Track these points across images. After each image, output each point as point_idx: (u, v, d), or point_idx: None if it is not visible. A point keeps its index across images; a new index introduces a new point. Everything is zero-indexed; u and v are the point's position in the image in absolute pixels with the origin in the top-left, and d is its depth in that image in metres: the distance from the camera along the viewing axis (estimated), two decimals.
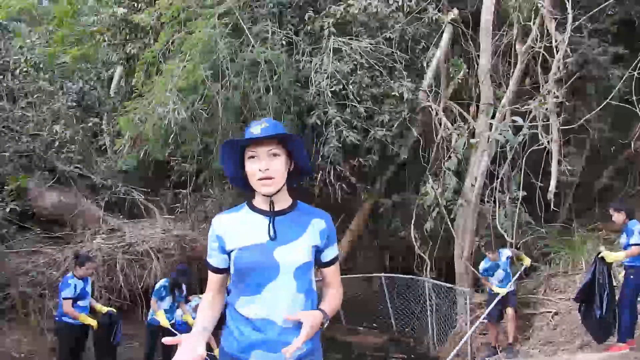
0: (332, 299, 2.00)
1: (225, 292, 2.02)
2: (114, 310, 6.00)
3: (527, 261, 6.96)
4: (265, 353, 1.84)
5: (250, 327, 1.86)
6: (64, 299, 5.45)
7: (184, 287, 6.33)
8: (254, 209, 1.95)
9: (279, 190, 1.90)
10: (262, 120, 1.90)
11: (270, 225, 1.89)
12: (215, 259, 1.95)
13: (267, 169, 1.84)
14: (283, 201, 1.95)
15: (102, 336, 5.75)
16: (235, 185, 2.03)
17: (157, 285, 6.35)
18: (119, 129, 8.79)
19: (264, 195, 1.90)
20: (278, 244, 1.87)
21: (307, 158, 2.03)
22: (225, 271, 1.96)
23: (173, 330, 6.11)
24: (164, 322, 6.06)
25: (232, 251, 1.90)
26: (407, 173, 9.40)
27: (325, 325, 1.90)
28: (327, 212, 2.06)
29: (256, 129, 1.85)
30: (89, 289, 5.71)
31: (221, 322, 1.98)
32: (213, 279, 1.98)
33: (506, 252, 6.82)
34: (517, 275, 6.97)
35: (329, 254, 2.00)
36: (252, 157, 1.86)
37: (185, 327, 6.22)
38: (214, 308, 1.96)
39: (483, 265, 6.82)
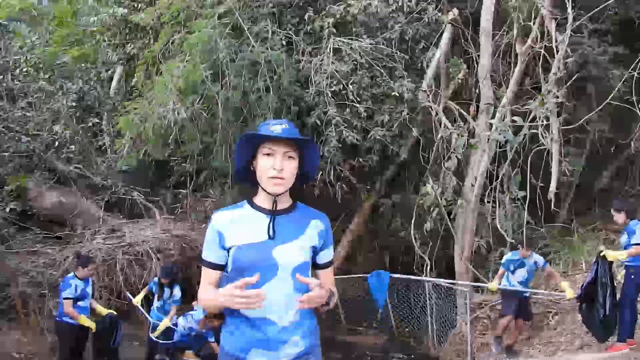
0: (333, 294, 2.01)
1: None
2: (114, 313, 6.01)
3: (569, 292, 6.03)
4: (264, 352, 1.85)
5: (249, 326, 1.86)
6: (65, 299, 5.45)
7: (176, 288, 6.20)
8: (255, 207, 1.95)
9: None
10: (282, 121, 1.93)
11: (271, 224, 1.90)
12: (214, 255, 1.92)
13: (282, 169, 1.86)
14: (284, 201, 1.96)
15: (101, 338, 5.76)
16: (238, 180, 2.04)
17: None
18: (119, 129, 8.78)
19: (270, 194, 1.90)
20: (277, 243, 1.88)
21: (317, 165, 2.06)
22: (223, 268, 1.94)
23: (150, 317, 6.22)
24: (136, 299, 6.34)
25: (230, 248, 1.89)
26: (407, 173, 9.40)
27: (330, 305, 1.91)
28: (327, 213, 2.07)
29: (277, 128, 1.87)
30: (89, 290, 5.72)
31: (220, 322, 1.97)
32: (211, 275, 1.94)
33: (537, 258, 6.48)
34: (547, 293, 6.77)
35: (325, 256, 2.02)
36: (269, 154, 1.87)
37: (186, 338, 6.25)
38: None
39: (509, 256, 6.46)
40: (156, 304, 6.27)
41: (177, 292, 6.20)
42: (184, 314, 6.33)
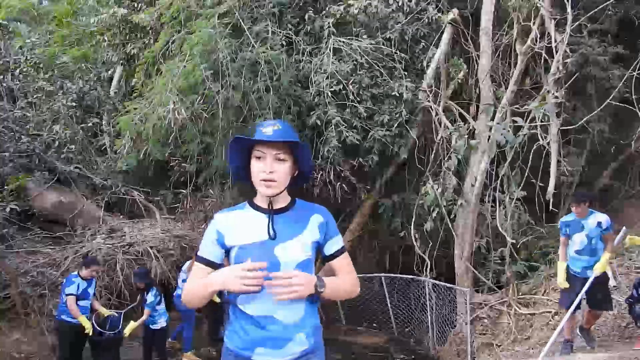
0: (339, 279, 1.98)
1: None
2: (116, 314, 6.04)
3: (597, 268, 4.93)
4: (268, 350, 1.85)
5: (253, 325, 1.86)
6: (68, 295, 5.51)
7: (150, 292, 6.12)
8: (254, 206, 1.96)
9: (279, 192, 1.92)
10: (276, 122, 1.91)
11: (270, 224, 1.90)
12: (211, 252, 1.92)
13: (272, 172, 1.86)
14: (282, 200, 1.97)
15: (97, 337, 5.77)
16: (237, 179, 2.04)
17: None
18: (119, 129, 8.79)
19: (264, 195, 1.91)
20: (278, 242, 1.88)
21: (311, 166, 2.05)
22: (217, 267, 1.93)
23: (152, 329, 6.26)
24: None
25: (232, 248, 1.90)
26: (407, 173, 9.39)
27: (320, 291, 1.85)
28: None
29: (268, 129, 1.85)
30: (91, 290, 5.77)
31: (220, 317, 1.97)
32: (203, 272, 1.91)
33: (600, 217, 4.99)
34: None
35: (332, 247, 2.00)
36: (259, 157, 1.87)
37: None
38: None
39: (565, 217, 5.19)
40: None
41: (150, 296, 6.14)
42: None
